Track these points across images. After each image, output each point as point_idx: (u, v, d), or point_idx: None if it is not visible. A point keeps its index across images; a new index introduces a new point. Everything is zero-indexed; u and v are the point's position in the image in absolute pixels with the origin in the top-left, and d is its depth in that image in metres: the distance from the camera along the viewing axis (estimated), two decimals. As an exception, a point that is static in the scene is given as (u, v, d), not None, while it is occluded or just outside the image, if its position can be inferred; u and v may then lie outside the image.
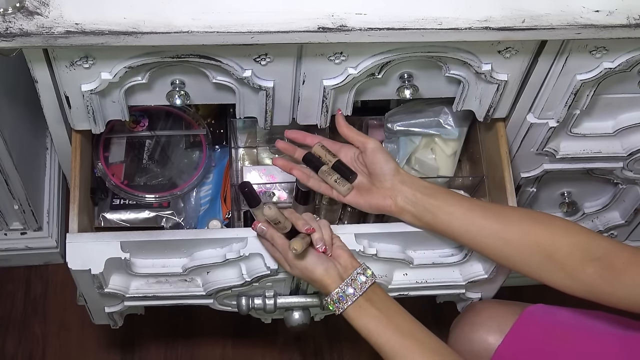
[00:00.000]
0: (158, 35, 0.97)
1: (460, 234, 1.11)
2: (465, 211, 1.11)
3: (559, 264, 1.06)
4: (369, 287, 1.07)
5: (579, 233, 1.07)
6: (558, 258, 1.06)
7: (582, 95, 1.20)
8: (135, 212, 1.33)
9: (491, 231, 1.09)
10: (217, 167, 1.40)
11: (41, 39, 0.95)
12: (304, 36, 1.00)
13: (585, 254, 1.05)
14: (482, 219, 1.10)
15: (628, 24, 1.03)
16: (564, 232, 1.07)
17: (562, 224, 1.09)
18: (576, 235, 1.07)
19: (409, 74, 1.14)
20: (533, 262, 1.08)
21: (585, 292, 1.06)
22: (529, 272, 1.10)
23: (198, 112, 1.41)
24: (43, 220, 1.72)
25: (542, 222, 1.09)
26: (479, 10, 1.02)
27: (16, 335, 1.73)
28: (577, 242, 1.06)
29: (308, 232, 1.08)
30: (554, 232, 1.07)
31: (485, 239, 1.10)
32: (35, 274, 1.79)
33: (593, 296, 1.06)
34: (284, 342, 1.76)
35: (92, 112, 1.13)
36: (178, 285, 1.22)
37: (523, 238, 1.08)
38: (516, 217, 1.11)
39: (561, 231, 1.08)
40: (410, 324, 1.06)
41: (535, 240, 1.07)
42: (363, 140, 1.16)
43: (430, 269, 1.24)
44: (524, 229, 1.09)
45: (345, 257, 1.09)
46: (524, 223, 1.09)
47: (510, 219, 1.10)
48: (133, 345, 1.74)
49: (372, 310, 1.07)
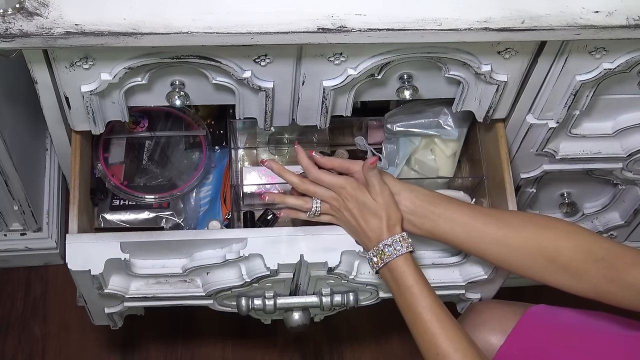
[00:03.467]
0: (158, 36, 0.97)
1: (461, 241, 1.12)
2: (467, 218, 1.11)
3: (562, 267, 1.07)
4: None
5: (581, 235, 1.08)
6: (561, 261, 1.07)
7: (581, 96, 1.20)
8: (135, 212, 1.33)
9: (494, 238, 1.10)
10: (216, 168, 1.40)
11: (41, 39, 0.95)
12: (304, 37, 1.00)
13: (588, 256, 1.06)
14: (484, 226, 1.10)
15: (628, 24, 1.03)
16: (565, 235, 1.08)
17: (564, 226, 1.10)
18: (578, 237, 1.07)
19: (408, 74, 1.14)
20: (536, 266, 1.09)
21: (590, 292, 1.07)
22: (532, 275, 1.11)
23: (198, 112, 1.41)
24: (43, 221, 1.72)
25: (544, 226, 1.10)
26: (479, 11, 1.02)
27: (16, 336, 1.72)
28: (579, 244, 1.07)
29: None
30: (556, 236, 1.08)
31: (488, 246, 1.10)
32: (35, 275, 1.79)
33: (597, 296, 1.06)
34: (284, 342, 1.76)
35: (92, 112, 1.13)
36: (178, 286, 1.22)
37: (526, 243, 1.09)
38: (518, 222, 1.11)
39: (563, 234, 1.08)
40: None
41: (538, 244, 1.08)
42: (347, 166, 1.15)
43: (430, 269, 1.24)
44: (526, 235, 1.09)
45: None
46: (526, 228, 1.10)
47: (512, 224, 1.10)
48: (133, 346, 1.74)
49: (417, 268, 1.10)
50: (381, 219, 1.11)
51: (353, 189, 1.12)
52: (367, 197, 1.11)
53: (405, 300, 1.09)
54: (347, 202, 1.13)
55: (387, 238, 1.10)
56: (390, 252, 1.10)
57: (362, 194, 1.12)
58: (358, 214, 1.12)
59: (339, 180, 1.13)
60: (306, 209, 1.16)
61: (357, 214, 1.12)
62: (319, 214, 1.16)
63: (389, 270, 1.10)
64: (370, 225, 1.11)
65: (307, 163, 1.15)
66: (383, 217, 1.11)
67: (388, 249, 1.10)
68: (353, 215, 1.13)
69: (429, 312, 1.07)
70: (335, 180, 1.13)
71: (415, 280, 1.09)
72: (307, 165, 1.14)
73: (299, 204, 1.16)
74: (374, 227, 1.11)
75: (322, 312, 1.36)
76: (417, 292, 1.08)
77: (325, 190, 1.14)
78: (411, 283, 1.08)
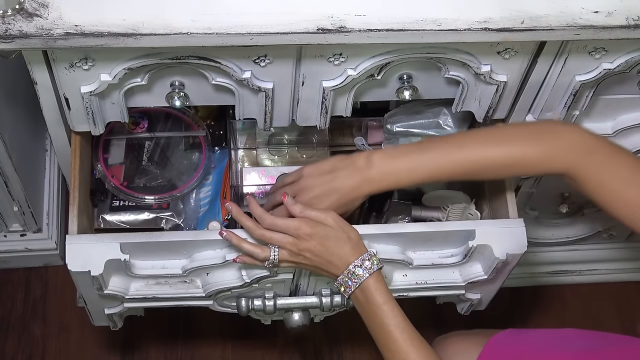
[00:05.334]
0: (157, 36, 0.97)
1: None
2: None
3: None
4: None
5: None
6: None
7: (581, 96, 1.20)
8: (134, 213, 1.33)
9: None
10: (216, 169, 1.40)
11: (40, 40, 0.95)
12: (304, 37, 1.00)
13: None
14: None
15: (627, 24, 1.03)
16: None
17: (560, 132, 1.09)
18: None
19: (408, 75, 1.14)
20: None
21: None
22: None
23: (197, 113, 1.41)
24: (43, 221, 1.72)
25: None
26: (478, 11, 1.02)
27: (16, 337, 1.72)
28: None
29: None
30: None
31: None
32: (35, 276, 1.79)
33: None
34: (284, 343, 1.76)
35: (92, 113, 1.13)
36: (178, 287, 1.22)
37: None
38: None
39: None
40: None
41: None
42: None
43: (430, 269, 1.24)
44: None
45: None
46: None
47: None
48: (133, 347, 1.74)
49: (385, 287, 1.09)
50: (345, 242, 1.10)
51: (310, 227, 1.10)
52: (326, 228, 1.10)
53: (376, 319, 1.08)
54: (306, 243, 1.10)
55: (356, 259, 1.09)
56: (362, 273, 1.09)
57: (321, 228, 1.10)
58: (320, 249, 1.10)
59: (293, 223, 1.10)
60: (264, 258, 1.13)
61: (318, 250, 1.10)
62: (277, 262, 1.13)
63: (361, 291, 1.09)
64: (336, 254, 1.10)
65: (259, 211, 1.13)
66: (345, 239, 1.10)
67: (359, 270, 1.09)
68: (314, 253, 1.10)
69: (401, 330, 1.07)
70: (290, 223, 1.10)
71: (386, 299, 1.08)
72: (260, 213, 1.12)
73: (255, 251, 1.12)
74: (340, 253, 1.10)
75: (322, 313, 1.36)
76: (387, 310, 1.07)
77: (282, 236, 1.11)
78: (383, 301, 1.08)
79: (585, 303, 1.85)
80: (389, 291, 1.09)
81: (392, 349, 1.07)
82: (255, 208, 1.13)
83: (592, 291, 1.85)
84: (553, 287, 1.86)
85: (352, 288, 1.09)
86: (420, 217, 1.35)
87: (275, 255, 1.12)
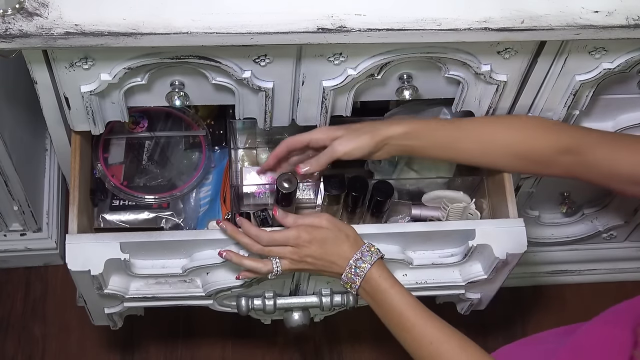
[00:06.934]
0: (157, 36, 0.97)
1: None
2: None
3: (533, 161, 1.15)
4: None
5: (545, 127, 1.14)
6: (532, 156, 1.14)
7: (581, 96, 1.20)
8: (134, 213, 1.33)
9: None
10: (216, 168, 1.40)
11: (40, 40, 0.95)
12: (304, 37, 1.00)
13: (555, 146, 1.12)
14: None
15: (627, 24, 1.03)
16: (533, 133, 1.14)
17: (531, 124, 1.16)
18: (546, 133, 1.13)
19: (408, 74, 1.14)
20: (510, 164, 1.17)
21: (562, 174, 1.15)
22: (504, 170, 1.24)
23: (197, 113, 1.41)
24: (42, 221, 1.72)
25: (515, 129, 1.16)
26: (478, 11, 1.02)
27: (16, 337, 1.73)
28: (549, 140, 1.12)
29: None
30: (527, 136, 1.14)
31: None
32: (35, 275, 1.79)
33: (571, 176, 1.14)
34: (284, 342, 1.76)
35: (92, 113, 1.13)
36: (178, 286, 1.22)
37: (501, 149, 1.16)
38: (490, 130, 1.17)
39: (531, 133, 1.14)
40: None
41: (508, 145, 1.15)
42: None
43: (430, 269, 1.24)
44: (500, 141, 1.16)
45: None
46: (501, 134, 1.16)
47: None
48: (133, 346, 1.74)
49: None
50: (343, 240, 1.11)
51: (308, 233, 1.11)
52: (322, 231, 1.11)
53: (386, 304, 1.09)
54: (306, 249, 1.11)
55: (355, 253, 1.10)
56: (363, 265, 1.10)
57: (318, 231, 1.11)
58: (321, 252, 1.11)
59: (291, 233, 1.12)
60: (267, 272, 1.14)
61: (319, 254, 1.11)
62: (281, 272, 1.14)
63: (367, 282, 1.10)
64: (336, 253, 1.11)
65: (254, 232, 1.13)
66: (343, 238, 1.11)
67: (360, 263, 1.10)
68: (315, 257, 1.12)
69: (412, 308, 1.07)
70: (288, 233, 1.12)
71: (392, 283, 1.09)
72: (256, 233, 1.13)
73: (257, 267, 1.14)
74: (340, 252, 1.11)
75: (322, 312, 1.36)
76: (394, 293, 1.08)
77: (281, 248, 1.12)
78: (389, 285, 1.09)
79: (585, 303, 1.85)
80: (394, 277, 1.10)
81: (407, 328, 1.07)
82: (249, 229, 1.14)
83: (592, 291, 1.85)
84: (553, 287, 1.86)
85: (357, 283, 1.10)
86: (420, 216, 1.34)
87: (277, 267, 1.13)
